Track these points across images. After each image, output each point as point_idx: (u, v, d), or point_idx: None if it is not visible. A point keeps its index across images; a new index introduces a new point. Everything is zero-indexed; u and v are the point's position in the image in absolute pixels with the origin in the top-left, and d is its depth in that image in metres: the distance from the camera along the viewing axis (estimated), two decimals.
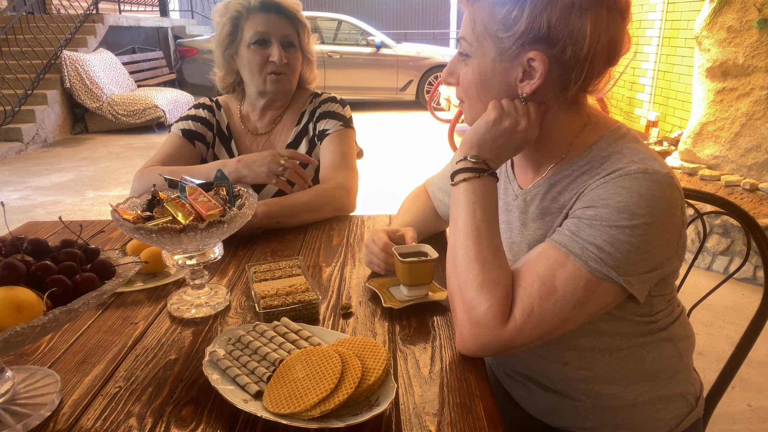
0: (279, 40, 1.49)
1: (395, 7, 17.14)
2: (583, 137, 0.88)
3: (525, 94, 0.83)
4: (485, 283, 0.79)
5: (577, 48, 0.78)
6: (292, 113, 1.63)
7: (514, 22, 0.79)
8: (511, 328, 0.77)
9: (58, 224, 1.46)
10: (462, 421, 0.70)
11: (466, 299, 0.80)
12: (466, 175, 0.86)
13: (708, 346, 2.41)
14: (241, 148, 1.62)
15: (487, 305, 0.78)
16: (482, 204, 0.84)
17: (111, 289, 0.73)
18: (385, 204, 4.19)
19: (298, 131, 1.61)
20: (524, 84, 0.83)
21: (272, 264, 1.10)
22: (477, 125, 0.87)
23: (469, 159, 0.86)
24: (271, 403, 0.69)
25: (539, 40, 0.79)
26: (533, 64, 0.80)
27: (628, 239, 0.75)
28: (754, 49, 3.43)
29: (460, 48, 0.88)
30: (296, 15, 1.52)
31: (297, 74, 1.58)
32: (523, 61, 0.81)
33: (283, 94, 1.59)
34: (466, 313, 0.80)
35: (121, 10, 10.47)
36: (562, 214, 0.85)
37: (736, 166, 3.58)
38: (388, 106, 9.46)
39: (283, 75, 1.53)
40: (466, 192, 0.85)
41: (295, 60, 1.54)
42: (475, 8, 0.84)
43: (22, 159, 6.14)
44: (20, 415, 0.71)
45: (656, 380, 0.92)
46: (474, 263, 0.81)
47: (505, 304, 0.78)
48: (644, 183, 0.76)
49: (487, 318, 0.78)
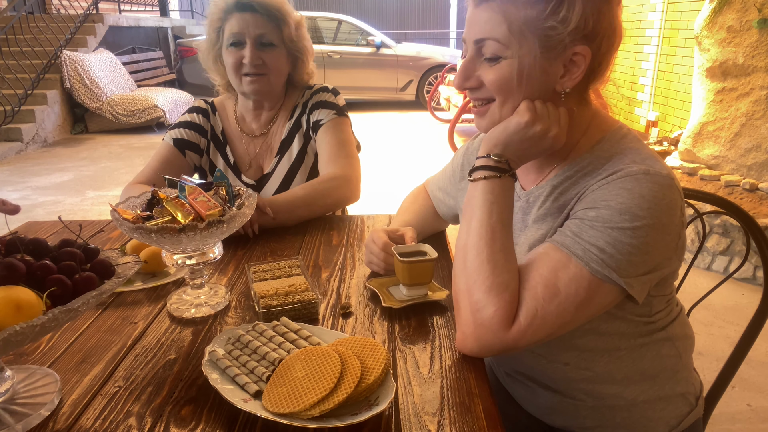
0: (253, 40, 1.44)
1: (395, 7, 17.14)
2: (587, 137, 0.88)
3: (567, 90, 0.83)
4: (494, 286, 0.78)
5: (609, 41, 0.81)
6: (286, 110, 1.60)
7: (565, 18, 0.78)
8: (515, 331, 0.77)
9: (58, 224, 1.45)
10: (461, 420, 0.70)
11: (473, 300, 0.80)
12: (486, 173, 0.84)
13: (708, 346, 2.41)
14: (237, 152, 1.59)
15: (494, 309, 0.77)
16: (499, 205, 0.83)
17: (110, 288, 0.73)
18: (385, 204, 4.19)
19: (291, 126, 1.57)
20: (565, 80, 0.82)
21: (272, 264, 1.10)
22: (507, 124, 0.84)
23: (492, 157, 0.84)
24: (271, 402, 0.69)
25: (586, 36, 0.79)
26: (575, 59, 0.81)
27: (629, 241, 0.75)
28: (754, 49, 3.43)
29: (486, 50, 0.83)
30: (274, 11, 1.45)
31: (279, 73, 1.51)
32: (567, 56, 0.81)
33: (265, 94, 1.53)
34: (471, 314, 0.80)
35: (121, 10, 10.47)
36: (563, 215, 0.85)
37: (736, 166, 3.58)
38: (388, 106, 9.46)
39: (262, 76, 1.47)
40: (484, 191, 0.83)
41: (273, 59, 1.47)
42: (506, 8, 0.80)
43: (22, 159, 6.14)
44: (20, 414, 0.71)
45: (656, 380, 0.92)
46: (485, 265, 0.80)
47: (511, 308, 0.78)
48: (646, 184, 0.76)
49: (493, 321, 0.77)
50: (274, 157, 1.57)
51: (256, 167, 1.59)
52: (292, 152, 1.55)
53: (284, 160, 1.56)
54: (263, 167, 1.59)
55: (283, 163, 1.55)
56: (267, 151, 1.58)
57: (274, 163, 1.56)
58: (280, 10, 1.45)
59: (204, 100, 1.65)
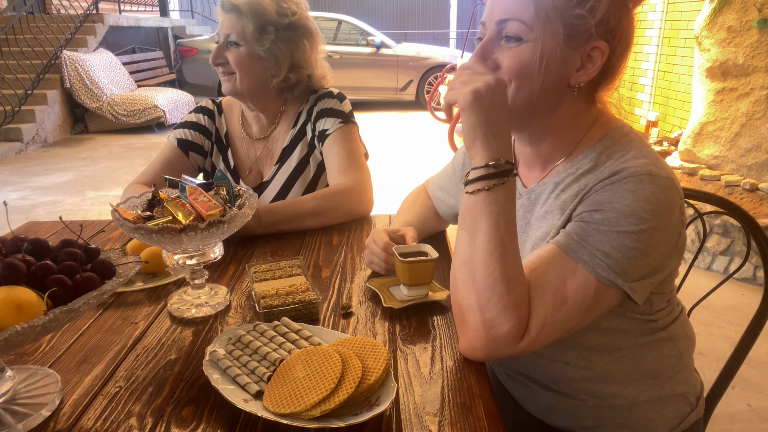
0: (223, 39, 1.42)
1: (395, 7, 17.13)
2: (590, 135, 0.88)
3: (581, 83, 0.83)
4: (510, 303, 0.75)
5: (624, 45, 0.82)
6: (289, 116, 1.55)
7: (593, 9, 0.78)
8: (525, 341, 0.77)
9: (58, 224, 1.45)
10: (462, 420, 0.70)
11: (486, 317, 0.76)
12: (487, 183, 0.77)
13: (708, 346, 2.41)
14: (238, 155, 1.57)
15: (509, 326, 0.75)
16: (506, 215, 0.77)
17: (111, 288, 0.73)
18: (385, 204, 4.17)
19: (294, 134, 1.53)
20: (580, 73, 0.82)
21: (272, 264, 1.10)
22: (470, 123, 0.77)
23: (489, 165, 0.77)
24: (272, 402, 0.69)
25: (607, 32, 0.80)
26: (593, 53, 0.81)
27: (633, 245, 0.75)
28: (754, 49, 3.43)
29: (509, 30, 0.80)
30: (243, 10, 1.39)
31: (246, 73, 1.43)
32: (587, 49, 0.81)
33: (239, 95, 1.48)
34: (485, 330, 0.77)
35: (121, 10, 10.47)
36: (565, 214, 0.85)
37: (736, 166, 3.58)
38: (388, 106, 9.45)
39: (231, 75, 1.44)
40: (487, 202, 0.77)
41: (235, 57, 1.41)
42: None
43: (22, 159, 6.14)
44: (20, 414, 0.71)
45: (656, 379, 0.92)
46: (499, 283, 0.75)
47: (525, 321, 0.76)
48: (649, 186, 0.76)
49: (508, 337, 0.76)
50: (274, 164, 1.54)
51: (255, 173, 1.57)
52: (292, 161, 1.52)
53: (284, 168, 1.53)
54: (263, 173, 1.57)
55: (282, 171, 1.53)
56: (267, 157, 1.56)
57: (273, 171, 1.54)
58: (251, 9, 1.39)
59: (212, 100, 1.62)
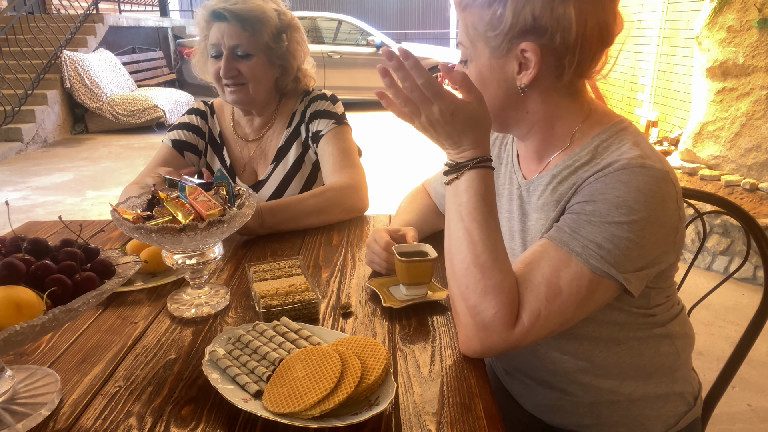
0: (229, 52, 1.40)
1: (395, 7, 17.15)
2: (586, 128, 0.88)
3: (524, 85, 0.85)
4: (488, 289, 0.78)
5: (565, 34, 0.80)
6: (283, 116, 1.57)
7: (500, 20, 0.81)
8: (519, 331, 0.77)
9: (58, 224, 1.46)
10: (462, 420, 0.70)
11: (469, 304, 0.79)
12: (447, 178, 0.84)
13: (708, 346, 2.41)
14: (233, 155, 1.59)
15: (494, 311, 0.77)
16: (468, 206, 0.81)
17: (111, 288, 0.73)
18: (385, 204, 4.17)
19: (289, 134, 1.56)
20: (522, 75, 0.85)
21: (272, 264, 1.10)
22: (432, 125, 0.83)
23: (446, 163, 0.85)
24: (271, 402, 0.69)
25: (527, 32, 0.81)
26: (526, 55, 0.82)
27: (626, 235, 0.76)
28: (754, 49, 3.43)
29: (460, 54, 0.90)
30: (250, 20, 1.38)
31: (259, 82, 1.46)
32: (517, 54, 0.83)
33: (247, 104, 1.50)
34: (471, 317, 0.79)
35: (121, 10, 10.47)
36: (560, 206, 0.86)
37: (736, 166, 3.59)
38: None
39: (241, 86, 1.44)
40: (450, 195, 0.84)
41: (249, 69, 1.43)
42: (465, 14, 0.86)
43: (22, 159, 6.14)
44: (20, 414, 0.71)
45: (653, 377, 0.93)
46: (472, 269, 0.79)
47: (512, 309, 0.77)
48: (641, 177, 0.77)
49: (495, 323, 0.77)
50: (269, 163, 1.56)
51: (249, 171, 1.59)
52: (288, 160, 1.55)
53: (280, 167, 1.55)
54: (257, 172, 1.58)
55: (279, 170, 1.55)
56: (261, 156, 1.58)
57: (269, 170, 1.55)
58: (257, 18, 1.39)
59: (204, 101, 1.65)
